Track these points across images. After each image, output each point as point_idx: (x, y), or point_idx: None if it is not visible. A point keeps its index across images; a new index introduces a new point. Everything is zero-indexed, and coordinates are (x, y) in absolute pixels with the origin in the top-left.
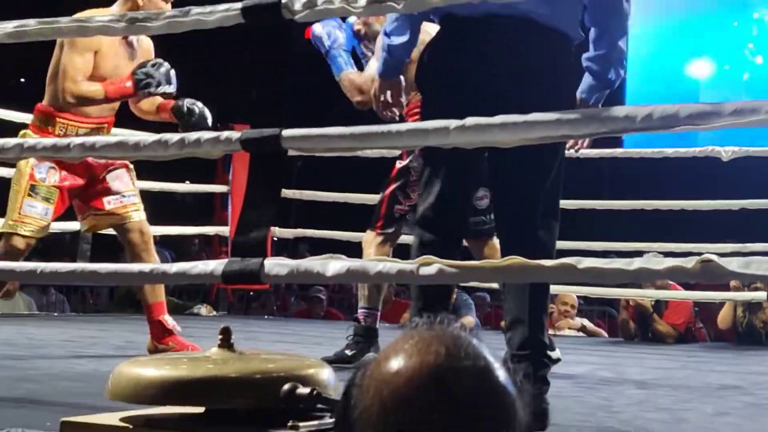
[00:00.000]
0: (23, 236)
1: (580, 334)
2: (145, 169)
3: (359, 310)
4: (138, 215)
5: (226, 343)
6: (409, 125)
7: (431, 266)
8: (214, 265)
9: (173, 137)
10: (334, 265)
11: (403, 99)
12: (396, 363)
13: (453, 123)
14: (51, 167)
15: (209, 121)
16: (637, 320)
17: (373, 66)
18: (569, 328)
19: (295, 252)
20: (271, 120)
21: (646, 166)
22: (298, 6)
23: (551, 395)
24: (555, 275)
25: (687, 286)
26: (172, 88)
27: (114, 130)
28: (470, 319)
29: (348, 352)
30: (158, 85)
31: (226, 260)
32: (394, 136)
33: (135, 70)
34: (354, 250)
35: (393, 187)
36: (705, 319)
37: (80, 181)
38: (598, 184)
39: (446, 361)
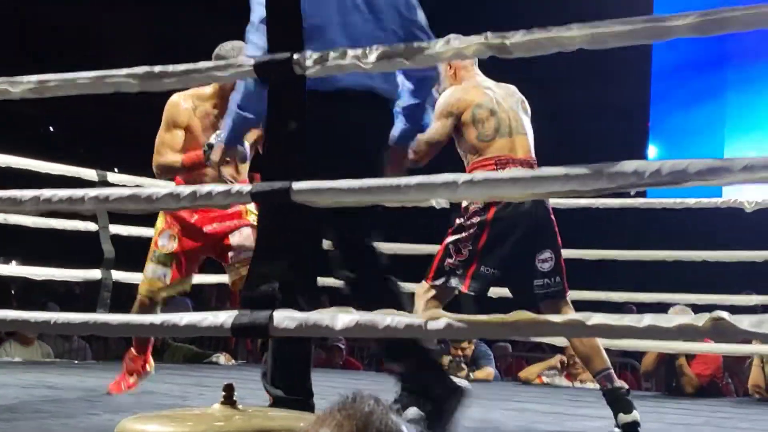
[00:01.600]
0: (143, 295)
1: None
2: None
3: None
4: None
5: (228, 399)
6: (418, 179)
7: (440, 320)
8: (223, 318)
9: (185, 190)
10: (343, 319)
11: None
12: None
13: (462, 177)
14: (170, 235)
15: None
16: (661, 368)
17: (429, 129)
18: (592, 381)
19: (317, 302)
20: (284, 172)
21: (670, 216)
22: (309, 62)
23: None
24: (564, 331)
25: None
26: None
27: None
28: (489, 371)
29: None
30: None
31: (235, 313)
32: (404, 190)
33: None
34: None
35: (448, 240)
36: (733, 375)
37: (197, 244)
38: (622, 234)
39: None
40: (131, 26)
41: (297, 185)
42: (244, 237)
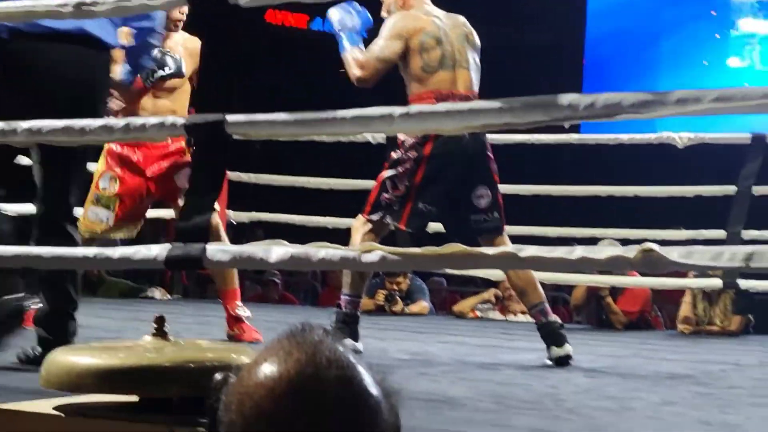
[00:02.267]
0: (84, 238)
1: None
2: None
3: (342, 297)
4: None
5: (160, 331)
6: (354, 112)
7: (373, 253)
8: (157, 251)
9: (119, 122)
10: (277, 251)
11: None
12: (257, 375)
13: (398, 110)
14: (111, 177)
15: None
16: (591, 302)
17: (378, 45)
18: (523, 313)
19: (251, 236)
20: (218, 105)
21: (603, 152)
22: None
23: (500, 382)
24: (497, 263)
25: (644, 273)
26: (167, 71)
27: None
28: (424, 305)
29: None
30: (154, 72)
31: (169, 246)
32: (339, 122)
33: None
34: (309, 234)
35: (384, 175)
36: (663, 309)
37: (140, 186)
38: (556, 170)
39: (307, 369)
40: None
41: (231, 117)
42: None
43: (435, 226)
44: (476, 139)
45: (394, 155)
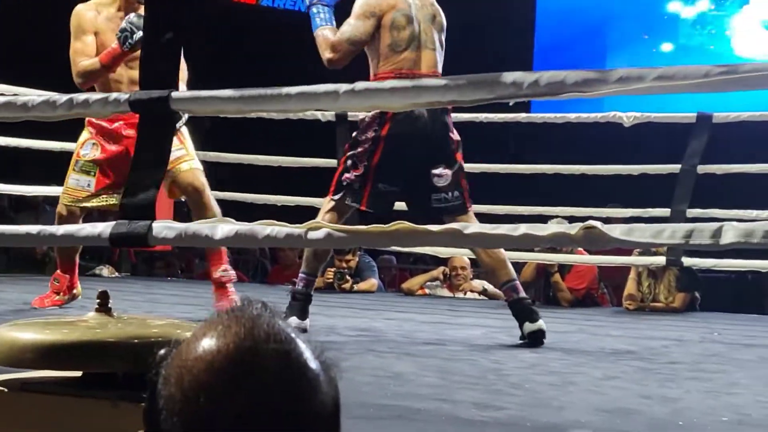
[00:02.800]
0: (65, 205)
1: (482, 297)
2: (49, 129)
3: (299, 275)
4: (187, 165)
5: (103, 307)
6: (299, 89)
7: (319, 231)
8: (101, 228)
9: (62, 98)
10: (222, 229)
11: None
12: (195, 349)
13: (343, 87)
14: (93, 143)
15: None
16: (539, 280)
17: (349, 25)
18: (471, 291)
19: None
20: (162, 81)
21: (551, 131)
22: None
23: (446, 358)
24: (442, 240)
25: (591, 251)
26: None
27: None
28: (373, 282)
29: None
30: (133, 33)
31: (113, 222)
32: (284, 99)
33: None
34: (258, 211)
35: (347, 155)
36: (609, 286)
37: (121, 149)
38: (504, 148)
39: (245, 343)
40: None
41: (176, 94)
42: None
43: (400, 205)
44: (436, 119)
45: (354, 134)
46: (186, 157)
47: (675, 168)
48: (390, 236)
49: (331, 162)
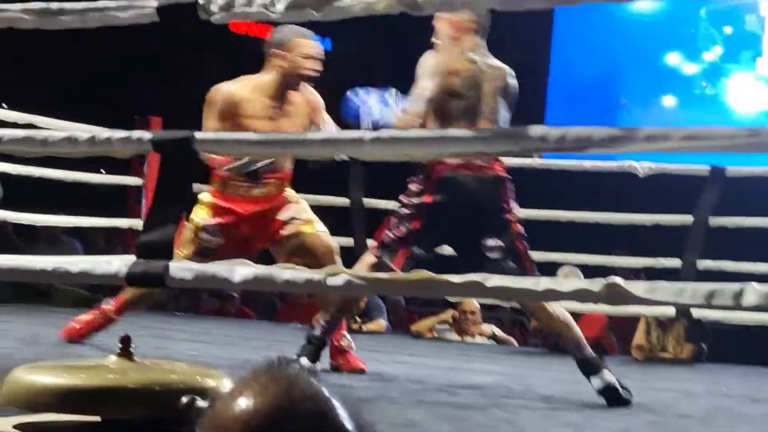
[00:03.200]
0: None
1: (491, 342)
2: (58, 158)
3: (320, 321)
4: (310, 228)
5: (125, 351)
6: (324, 135)
7: (338, 276)
8: (118, 266)
9: (83, 135)
10: (241, 271)
11: None
12: (233, 408)
13: (368, 134)
14: (218, 227)
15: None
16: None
17: (422, 88)
18: (480, 335)
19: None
20: (185, 120)
21: (566, 178)
22: (214, 7)
23: (459, 406)
24: (463, 291)
25: None
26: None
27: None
28: (382, 323)
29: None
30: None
31: (131, 260)
32: (308, 144)
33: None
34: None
35: (393, 216)
36: (618, 335)
37: (247, 233)
38: (518, 193)
39: (283, 404)
40: None
41: (200, 135)
42: (293, 211)
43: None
44: (485, 188)
45: (402, 198)
46: (309, 221)
47: (688, 219)
48: (412, 285)
49: (344, 201)
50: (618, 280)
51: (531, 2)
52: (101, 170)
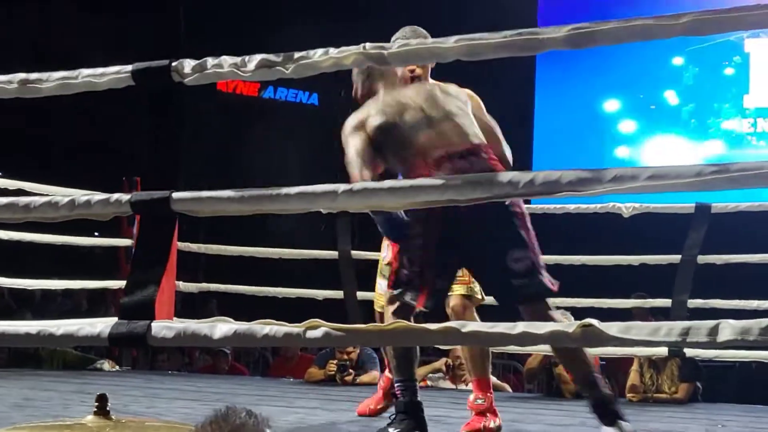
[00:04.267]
0: (377, 310)
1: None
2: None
3: (395, 385)
4: (458, 290)
5: (101, 410)
6: (299, 189)
7: (318, 330)
8: (101, 327)
9: (63, 199)
10: (221, 328)
11: None
12: None
13: (342, 187)
14: (387, 244)
15: None
16: (543, 371)
17: None
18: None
19: (205, 307)
20: (164, 181)
21: (551, 221)
22: (187, 69)
23: None
24: (440, 339)
25: None
26: None
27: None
28: (375, 374)
29: (392, 431)
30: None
31: (113, 321)
32: (284, 199)
33: None
34: (261, 303)
35: (399, 250)
36: (613, 377)
37: None
38: None
39: None
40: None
41: (177, 195)
42: None
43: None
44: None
45: (402, 229)
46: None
47: (675, 258)
48: (388, 335)
49: (333, 253)
50: (593, 321)
51: (496, 51)
52: (95, 233)
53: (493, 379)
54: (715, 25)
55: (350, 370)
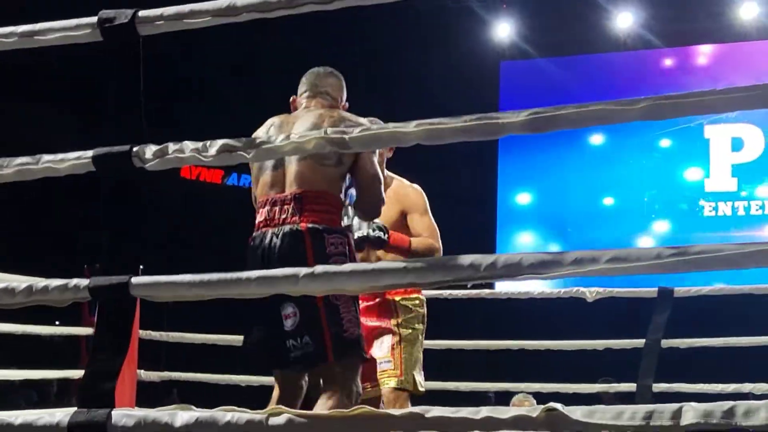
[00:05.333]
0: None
1: None
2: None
3: None
4: (389, 383)
5: None
6: (259, 273)
7: (280, 416)
8: (60, 416)
9: (20, 285)
10: (182, 416)
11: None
12: None
13: (303, 271)
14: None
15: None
16: None
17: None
18: None
19: (167, 396)
20: (123, 266)
21: (515, 307)
22: (149, 155)
23: None
24: (404, 425)
25: None
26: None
27: None
28: None
29: None
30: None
31: (72, 411)
32: (245, 283)
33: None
34: (223, 391)
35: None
36: None
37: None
38: (469, 324)
39: None
40: None
41: (136, 279)
42: (384, 349)
43: None
44: (286, 244)
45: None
46: (390, 374)
47: (639, 342)
48: (350, 422)
49: None
50: (556, 405)
51: (456, 136)
52: (56, 322)
53: None
54: (672, 110)
55: None
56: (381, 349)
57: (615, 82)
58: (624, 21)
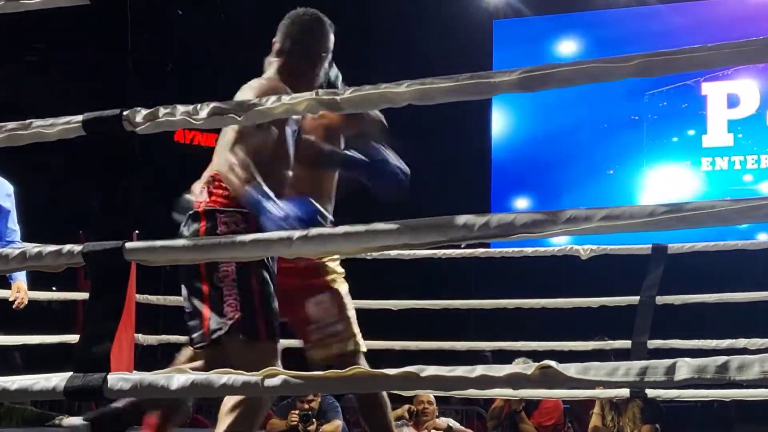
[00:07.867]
0: None
1: None
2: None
3: None
4: (354, 345)
5: None
6: (253, 236)
7: (276, 378)
8: (56, 381)
9: (13, 252)
10: (178, 379)
11: None
12: None
13: (296, 234)
14: None
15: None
16: (506, 417)
17: None
18: (435, 429)
19: (167, 360)
20: (117, 231)
21: (510, 265)
22: (139, 118)
23: None
24: (399, 384)
25: None
26: None
27: None
28: (338, 423)
29: None
30: None
31: (68, 376)
32: (238, 247)
33: None
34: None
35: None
36: (576, 420)
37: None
38: (464, 283)
39: None
40: None
41: (130, 244)
42: (323, 308)
43: None
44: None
45: None
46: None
47: (634, 299)
48: (347, 381)
49: None
50: (551, 362)
51: (449, 95)
52: (53, 287)
53: (455, 424)
54: (665, 66)
55: (313, 420)
56: (320, 309)
57: (610, 39)
58: None
